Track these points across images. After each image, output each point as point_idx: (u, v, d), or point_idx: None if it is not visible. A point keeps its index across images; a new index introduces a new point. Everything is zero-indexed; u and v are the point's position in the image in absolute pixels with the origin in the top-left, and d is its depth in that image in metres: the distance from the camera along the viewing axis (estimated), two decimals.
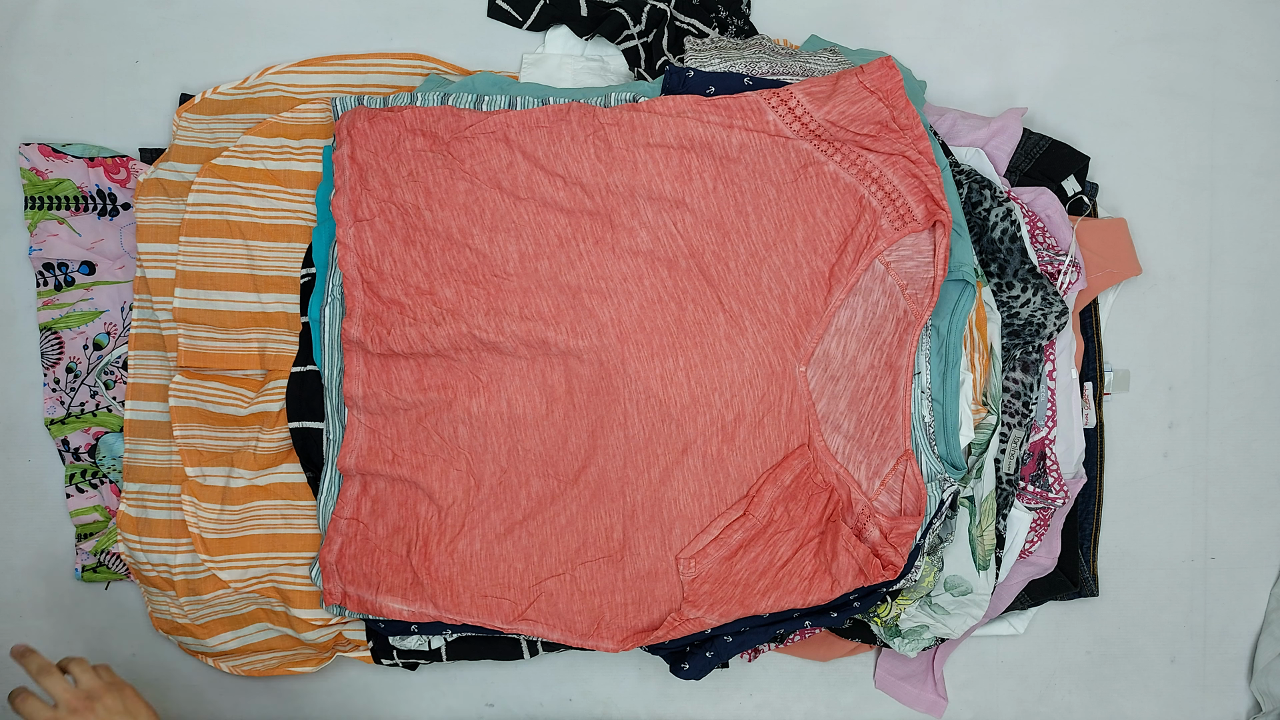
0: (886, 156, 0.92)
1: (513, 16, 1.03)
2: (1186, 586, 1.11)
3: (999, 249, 0.97)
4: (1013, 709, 1.10)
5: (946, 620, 0.99)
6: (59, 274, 1.01)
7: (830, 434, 0.94)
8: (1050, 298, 0.96)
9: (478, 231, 0.94)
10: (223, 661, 1.01)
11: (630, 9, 1.01)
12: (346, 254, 0.93)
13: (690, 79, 0.95)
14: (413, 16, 1.03)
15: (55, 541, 1.04)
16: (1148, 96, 1.09)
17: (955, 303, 0.94)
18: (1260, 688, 1.10)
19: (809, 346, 0.94)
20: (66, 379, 1.01)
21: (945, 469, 0.93)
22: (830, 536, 0.93)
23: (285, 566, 0.97)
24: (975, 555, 0.96)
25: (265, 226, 0.97)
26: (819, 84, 0.93)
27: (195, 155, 0.98)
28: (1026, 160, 1.04)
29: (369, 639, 1.00)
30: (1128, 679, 1.11)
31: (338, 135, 0.94)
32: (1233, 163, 1.09)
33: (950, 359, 0.94)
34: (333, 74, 1.00)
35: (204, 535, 0.96)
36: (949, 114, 1.02)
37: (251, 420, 0.97)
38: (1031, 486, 1.00)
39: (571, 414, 0.94)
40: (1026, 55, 1.08)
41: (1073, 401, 1.02)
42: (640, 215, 0.93)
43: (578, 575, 0.95)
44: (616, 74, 1.02)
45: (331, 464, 0.96)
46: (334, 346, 0.95)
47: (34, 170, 1.00)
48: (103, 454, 1.02)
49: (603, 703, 1.07)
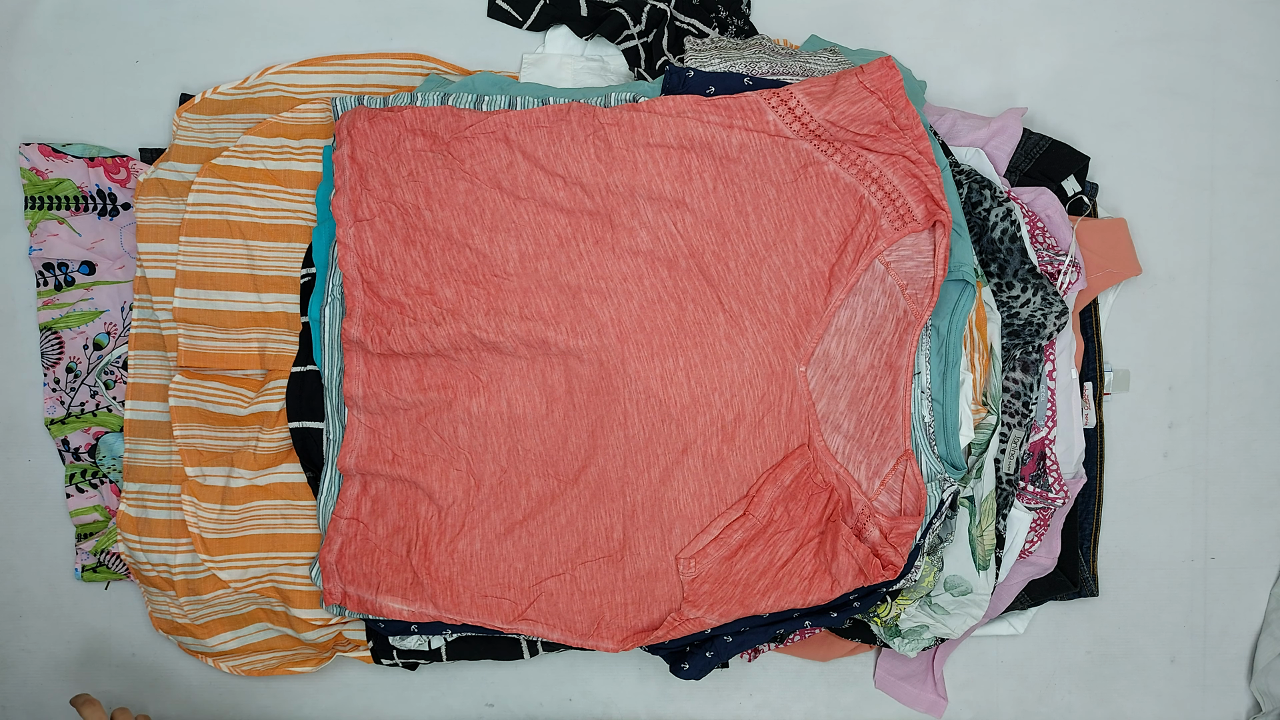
0: (886, 156, 0.92)
1: (513, 16, 1.03)
2: (1186, 586, 1.11)
3: (999, 249, 0.97)
4: (1013, 709, 1.10)
5: (946, 620, 0.99)
6: (59, 274, 1.01)
7: (830, 434, 0.94)
8: (1050, 298, 0.96)
9: (478, 231, 0.94)
10: (223, 661, 1.02)
11: (630, 9, 1.01)
12: (346, 254, 0.93)
13: (690, 79, 0.95)
14: (413, 16, 1.03)
15: (55, 541, 1.04)
16: (1148, 96, 1.09)
17: (955, 303, 0.94)
18: (1260, 688, 1.10)
19: (809, 346, 0.94)
20: (66, 379, 1.01)
21: (945, 469, 0.93)
22: (830, 536, 0.93)
23: (285, 566, 0.97)
24: (975, 555, 0.96)
25: (265, 226, 0.97)
26: (819, 84, 0.93)
27: (195, 155, 0.98)
28: (1026, 160, 1.04)
29: (369, 639, 1.00)
30: (1128, 679, 1.11)
31: (338, 135, 0.94)
32: (1233, 163, 1.09)
33: (950, 359, 0.94)
34: (333, 74, 1.00)
35: (204, 535, 0.96)
36: (949, 114, 1.02)
37: (251, 420, 0.97)
38: (1031, 486, 1.00)
39: (571, 414, 0.94)
40: (1026, 55, 1.08)
41: (1073, 401, 1.02)
42: (640, 215, 0.93)
43: (578, 575, 0.95)
44: (616, 74, 1.02)
45: (331, 464, 0.96)
46: (334, 346, 0.95)
47: (34, 170, 1.00)
48: (103, 454, 1.02)
49: (603, 703, 1.07)
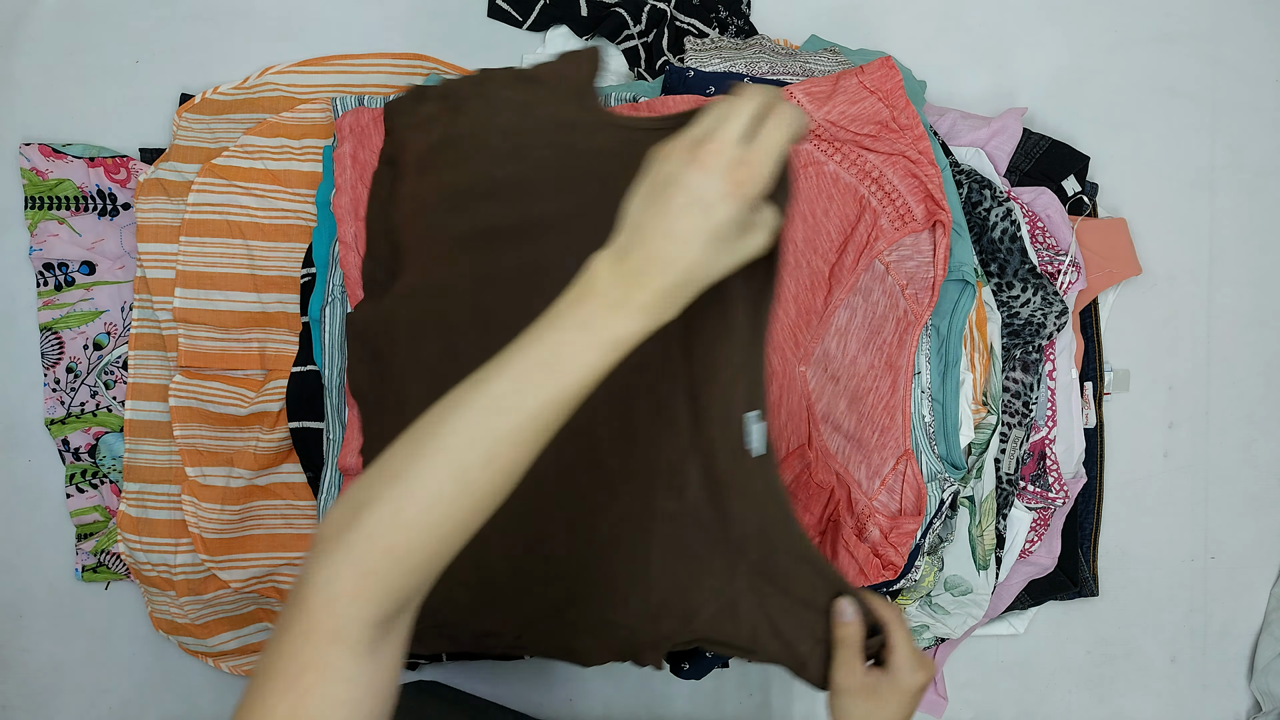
0: (886, 156, 0.92)
1: (513, 16, 1.03)
2: (1186, 586, 1.11)
3: (999, 249, 0.97)
4: (1013, 709, 1.10)
5: (946, 620, 0.99)
6: (59, 274, 1.01)
7: (830, 434, 0.94)
8: (1050, 297, 0.96)
9: None
10: (223, 661, 1.02)
11: (630, 9, 1.01)
12: (348, 253, 0.93)
13: (690, 79, 0.95)
14: (413, 16, 1.03)
15: (55, 541, 1.04)
16: (1148, 96, 1.09)
17: (955, 303, 0.94)
18: (1260, 687, 1.10)
19: (809, 346, 0.94)
20: (67, 379, 1.01)
21: (945, 469, 0.93)
22: (830, 536, 0.93)
23: (285, 566, 0.97)
24: (975, 555, 0.96)
25: (265, 226, 0.97)
26: (819, 84, 0.93)
27: (195, 155, 0.98)
28: (1026, 160, 1.04)
29: None
30: (1128, 679, 1.11)
31: (339, 134, 0.94)
32: (1233, 163, 1.09)
33: (950, 359, 0.94)
34: (333, 74, 1.00)
35: (204, 535, 0.96)
36: (949, 114, 1.02)
37: (251, 420, 0.97)
38: (1031, 486, 1.00)
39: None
40: (1026, 55, 1.08)
41: (1073, 401, 1.02)
42: None
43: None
44: (616, 74, 1.02)
45: (331, 464, 0.96)
46: (334, 346, 0.95)
47: (34, 170, 1.00)
48: (103, 454, 1.02)
49: (603, 703, 1.07)
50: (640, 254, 0.54)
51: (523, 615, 0.79)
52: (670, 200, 0.54)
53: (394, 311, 0.83)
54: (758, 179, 0.55)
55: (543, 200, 0.77)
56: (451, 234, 0.79)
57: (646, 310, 0.54)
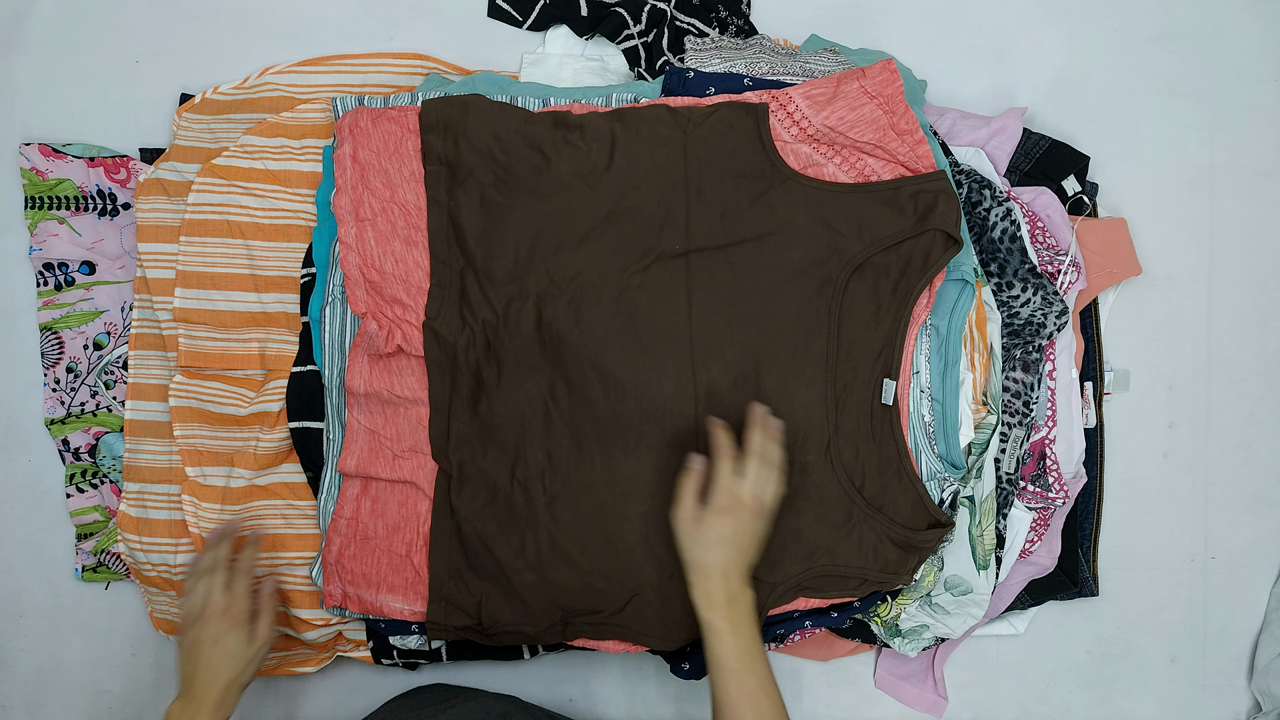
0: (885, 161, 0.92)
1: (513, 16, 1.03)
2: (1186, 586, 1.11)
3: (999, 249, 0.97)
4: (1013, 709, 1.10)
5: (946, 620, 0.99)
6: (59, 274, 1.01)
7: None
8: (1050, 297, 0.96)
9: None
10: None
11: (630, 9, 1.01)
12: (348, 254, 0.93)
13: (690, 79, 0.95)
14: (413, 16, 1.03)
15: (55, 541, 1.04)
16: (1148, 96, 1.09)
17: (955, 302, 0.94)
18: (1260, 688, 1.10)
19: None
20: (67, 379, 1.01)
21: (945, 468, 0.93)
22: None
23: (285, 566, 0.97)
24: (975, 555, 0.96)
25: (265, 226, 0.97)
26: (819, 87, 0.93)
27: (195, 155, 0.98)
28: (1026, 160, 1.04)
29: (369, 639, 1.00)
30: (1128, 679, 1.11)
31: (339, 134, 0.94)
32: (1233, 163, 1.09)
33: (950, 359, 0.94)
34: (333, 74, 1.00)
35: (204, 535, 0.96)
36: (949, 114, 1.02)
37: (251, 420, 0.97)
38: (1031, 486, 1.00)
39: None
40: (1026, 55, 1.08)
41: (1073, 401, 1.02)
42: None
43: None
44: (616, 74, 1.02)
45: (331, 464, 0.96)
46: (334, 346, 0.95)
47: (34, 170, 1.00)
48: (103, 454, 1.02)
49: (603, 703, 1.07)
50: (723, 588, 0.82)
51: (642, 580, 0.91)
52: (705, 536, 0.82)
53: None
54: (768, 499, 0.84)
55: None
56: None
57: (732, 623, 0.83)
